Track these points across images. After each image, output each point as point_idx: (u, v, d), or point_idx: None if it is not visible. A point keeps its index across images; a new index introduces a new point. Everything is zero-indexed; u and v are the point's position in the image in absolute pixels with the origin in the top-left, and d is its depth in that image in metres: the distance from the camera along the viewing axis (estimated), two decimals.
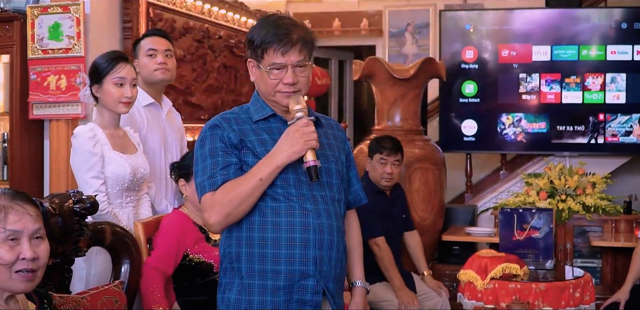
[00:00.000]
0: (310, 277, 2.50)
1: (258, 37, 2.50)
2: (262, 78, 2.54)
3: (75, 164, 3.44)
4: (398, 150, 4.70)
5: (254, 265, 2.49)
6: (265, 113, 2.58)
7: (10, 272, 2.04)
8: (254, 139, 2.53)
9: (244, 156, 2.51)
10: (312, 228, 2.49)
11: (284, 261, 2.47)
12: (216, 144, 2.52)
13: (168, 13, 5.37)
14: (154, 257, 3.24)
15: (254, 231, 2.49)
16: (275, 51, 2.47)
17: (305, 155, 2.43)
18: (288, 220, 2.48)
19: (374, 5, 8.41)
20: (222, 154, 2.50)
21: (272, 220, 2.48)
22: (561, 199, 5.90)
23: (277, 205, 2.48)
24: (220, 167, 2.48)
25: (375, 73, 5.70)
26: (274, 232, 2.47)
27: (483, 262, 4.54)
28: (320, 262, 2.50)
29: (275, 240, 2.47)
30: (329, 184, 2.59)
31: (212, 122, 2.58)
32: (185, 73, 5.58)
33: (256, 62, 2.55)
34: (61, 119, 4.61)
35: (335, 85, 9.20)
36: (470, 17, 6.85)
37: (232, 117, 2.59)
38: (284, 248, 2.47)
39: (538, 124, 6.68)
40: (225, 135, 2.52)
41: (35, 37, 4.61)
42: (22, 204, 2.09)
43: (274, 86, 2.52)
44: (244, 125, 2.56)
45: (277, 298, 2.48)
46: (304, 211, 2.49)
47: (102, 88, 3.42)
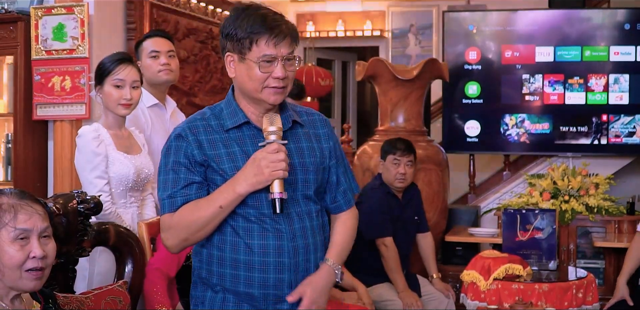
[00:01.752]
0: (284, 302, 2.39)
1: (243, 28, 2.32)
2: (247, 72, 2.34)
3: (79, 164, 3.45)
4: (411, 151, 4.73)
5: (225, 284, 2.40)
6: (238, 120, 2.40)
7: (21, 271, 2.07)
8: (223, 152, 2.37)
9: (211, 173, 2.37)
10: (286, 251, 2.36)
11: (257, 285, 2.36)
12: (180, 159, 2.36)
13: (172, 14, 5.40)
14: (157, 258, 3.24)
15: (226, 251, 2.38)
16: (268, 42, 2.31)
17: (271, 185, 2.27)
18: (261, 243, 2.35)
19: (377, 6, 8.41)
20: (185, 171, 2.35)
21: (245, 242, 2.36)
22: (564, 199, 5.90)
23: (249, 226, 2.35)
24: (181, 186, 2.34)
25: (378, 74, 5.71)
26: (246, 254, 2.36)
27: (486, 262, 4.54)
28: (295, 286, 2.39)
29: (249, 263, 2.35)
30: (304, 196, 2.45)
31: (178, 131, 2.41)
32: (189, 74, 5.60)
33: (239, 56, 2.35)
34: (65, 120, 4.63)
35: (338, 86, 9.21)
36: (474, 18, 6.85)
37: (200, 125, 2.40)
38: (257, 271, 2.36)
39: (541, 124, 6.67)
40: (189, 151, 2.36)
41: (39, 38, 4.63)
42: (30, 203, 2.12)
43: (262, 81, 2.34)
44: (213, 135, 2.39)
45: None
46: (278, 233, 2.36)
47: (102, 89, 3.44)
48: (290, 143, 2.41)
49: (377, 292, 4.47)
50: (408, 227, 4.76)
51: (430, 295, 4.69)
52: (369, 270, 4.53)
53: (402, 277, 4.50)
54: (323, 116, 2.63)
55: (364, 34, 8.40)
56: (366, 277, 4.44)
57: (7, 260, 2.04)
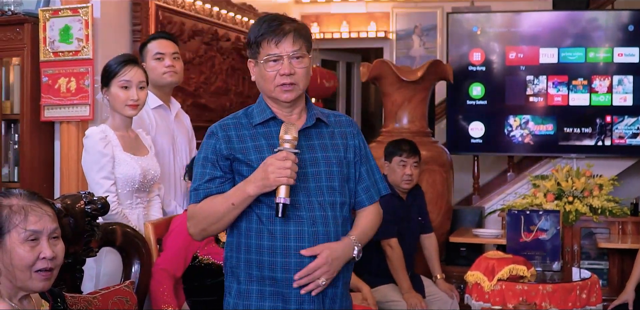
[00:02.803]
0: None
1: (253, 34, 2.52)
2: (260, 74, 2.54)
3: (86, 164, 3.48)
4: (416, 152, 4.75)
5: (252, 270, 2.51)
6: (265, 116, 2.56)
7: (31, 271, 2.09)
8: (250, 145, 2.52)
9: (237, 165, 2.52)
10: (306, 236, 2.46)
11: (279, 269, 2.46)
12: (208, 154, 2.55)
13: (177, 16, 5.41)
14: (164, 258, 3.27)
15: (252, 238, 2.50)
16: (269, 42, 2.47)
17: (277, 190, 2.38)
18: (282, 229, 2.46)
19: (381, 8, 8.43)
20: (210, 166, 2.53)
21: (267, 229, 2.47)
22: (568, 200, 5.91)
23: (272, 213, 2.45)
24: (205, 180, 2.53)
25: (383, 75, 5.72)
26: (269, 240, 2.47)
27: (490, 263, 4.55)
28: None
29: (271, 248, 2.47)
30: (329, 187, 2.55)
31: (210, 130, 2.60)
32: (194, 75, 5.62)
33: (255, 61, 2.55)
34: (71, 121, 4.64)
35: (342, 87, 9.22)
36: (478, 20, 6.87)
37: (231, 123, 2.59)
38: (280, 256, 2.47)
39: (545, 126, 6.69)
40: (217, 146, 2.54)
41: (47, 39, 4.64)
42: (40, 204, 2.14)
43: (272, 79, 2.50)
44: (242, 131, 2.56)
45: (275, 303, 2.49)
46: (298, 219, 2.47)
47: (109, 91, 3.47)
48: (314, 139, 2.58)
49: (381, 292, 4.49)
50: (412, 228, 4.78)
51: (434, 295, 4.70)
52: (374, 271, 4.55)
53: (406, 278, 4.52)
54: (350, 118, 2.78)
55: (368, 35, 8.39)
56: (370, 277, 4.46)
57: (18, 261, 2.06)
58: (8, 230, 2.07)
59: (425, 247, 4.92)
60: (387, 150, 4.83)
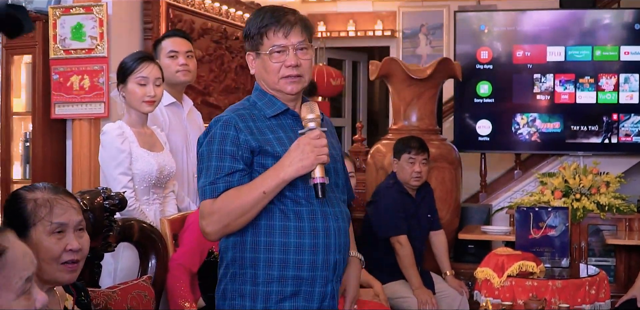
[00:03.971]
0: (330, 283, 2.45)
1: (254, 26, 2.44)
2: (263, 65, 2.46)
3: (103, 160, 3.50)
4: (425, 149, 4.78)
5: (273, 270, 2.39)
6: (278, 108, 2.48)
7: (57, 263, 2.10)
8: (272, 137, 2.43)
9: (262, 159, 2.39)
10: (332, 232, 2.42)
11: (306, 267, 2.39)
12: (225, 146, 2.38)
13: (187, 14, 5.45)
14: (180, 254, 3.29)
15: (275, 236, 2.39)
16: (276, 33, 2.41)
17: (313, 171, 2.30)
18: (311, 225, 2.39)
19: (387, 7, 8.45)
20: (230, 159, 2.37)
21: (295, 225, 2.38)
22: (575, 198, 5.93)
23: (298, 209, 2.40)
24: (224, 173, 2.35)
25: (392, 73, 5.74)
26: (297, 237, 2.38)
27: (500, 259, 4.57)
28: (339, 267, 2.48)
29: (299, 246, 2.38)
30: (336, 184, 2.54)
31: (225, 120, 2.42)
32: (204, 73, 5.66)
33: (255, 53, 2.47)
34: (84, 119, 4.67)
35: (349, 86, 9.24)
36: (485, 18, 6.88)
37: (246, 113, 2.46)
38: (307, 254, 2.39)
39: (552, 124, 6.71)
40: (241, 138, 2.38)
41: (58, 37, 4.68)
42: (65, 197, 2.16)
43: (276, 71, 2.43)
44: (258, 122, 2.44)
45: (296, 303, 2.41)
46: (325, 215, 2.43)
47: (126, 87, 3.49)
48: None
49: (392, 289, 4.51)
50: (422, 225, 4.81)
51: (444, 292, 4.73)
52: (384, 267, 4.57)
53: (416, 275, 4.55)
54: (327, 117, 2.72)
55: (374, 34, 8.41)
56: (381, 274, 4.48)
57: (45, 254, 2.07)
58: (34, 224, 2.08)
59: (434, 244, 4.94)
60: (396, 148, 4.86)
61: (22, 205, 2.09)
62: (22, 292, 1.51)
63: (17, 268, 1.51)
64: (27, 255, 1.54)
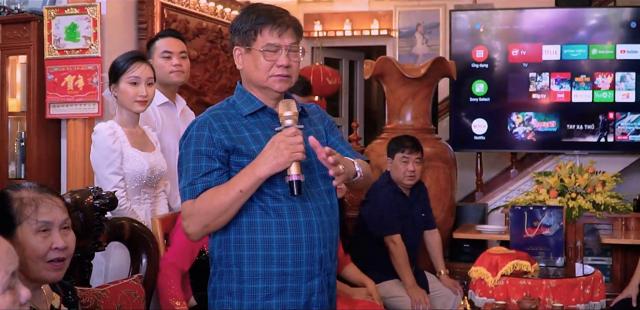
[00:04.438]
0: (316, 277, 2.45)
1: (249, 21, 2.45)
2: (254, 62, 2.46)
3: (95, 160, 3.50)
4: (418, 148, 4.79)
5: (257, 267, 2.41)
6: (255, 106, 2.50)
7: (43, 262, 2.11)
8: (248, 135, 2.45)
9: (237, 157, 2.41)
10: (315, 227, 2.42)
11: (291, 262, 2.40)
12: (201, 147, 2.41)
13: (182, 14, 5.46)
14: (171, 253, 3.30)
15: (257, 232, 2.41)
16: (271, 31, 2.43)
17: (289, 168, 2.31)
18: (292, 221, 2.41)
19: (384, 6, 8.45)
20: (206, 159, 2.40)
21: (276, 221, 2.40)
22: (571, 197, 5.92)
23: (278, 205, 2.41)
24: (201, 174, 2.38)
25: (386, 72, 5.75)
26: (278, 233, 2.40)
27: (494, 259, 4.57)
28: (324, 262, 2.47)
29: (282, 242, 2.40)
30: (323, 176, 2.51)
31: (200, 121, 2.46)
32: (199, 73, 5.66)
33: (245, 48, 2.47)
34: (78, 118, 4.68)
35: (345, 85, 9.24)
36: (480, 17, 6.89)
37: (221, 113, 2.48)
38: (290, 249, 2.40)
39: (548, 122, 6.72)
40: (215, 138, 2.41)
41: (52, 37, 4.69)
42: (50, 196, 2.16)
43: (267, 69, 2.45)
44: (234, 121, 2.47)
45: (283, 300, 2.42)
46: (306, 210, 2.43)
47: (118, 87, 3.49)
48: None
49: (385, 288, 4.52)
50: (416, 224, 4.81)
51: (438, 291, 4.74)
52: (378, 267, 4.58)
53: (410, 274, 4.55)
54: (316, 105, 2.74)
55: (371, 33, 8.40)
56: (375, 273, 4.49)
57: (30, 252, 2.08)
58: (20, 222, 2.09)
59: (428, 243, 4.95)
60: (390, 147, 4.87)
61: (8, 204, 2.10)
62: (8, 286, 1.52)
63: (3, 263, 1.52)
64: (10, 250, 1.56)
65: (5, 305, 1.50)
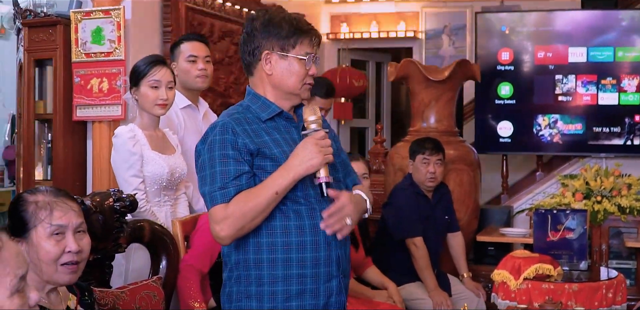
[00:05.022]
0: (334, 279, 2.50)
1: (287, 28, 2.47)
2: (289, 69, 2.50)
3: (115, 163, 3.55)
4: (439, 150, 4.78)
5: (277, 269, 2.43)
6: (272, 111, 2.52)
7: (57, 265, 2.15)
8: (268, 139, 2.46)
9: (261, 161, 2.43)
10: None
11: (309, 264, 2.44)
12: (227, 151, 2.40)
13: (207, 17, 5.49)
14: (191, 255, 3.33)
15: (277, 236, 2.43)
16: (311, 42, 2.50)
17: (318, 170, 2.38)
18: (312, 223, 2.44)
19: (410, 7, 8.44)
20: (234, 162, 2.39)
21: (295, 224, 2.43)
22: (597, 200, 5.89)
23: (298, 208, 2.44)
24: (232, 177, 2.37)
25: (410, 75, 5.74)
26: (298, 236, 2.43)
27: (517, 262, 4.56)
28: (341, 263, 2.52)
29: (301, 244, 2.43)
30: (336, 179, 2.56)
31: (222, 125, 2.45)
32: (224, 76, 5.70)
33: (279, 54, 2.48)
34: (103, 121, 4.74)
35: (372, 87, 9.24)
36: (506, 19, 6.86)
37: (241, 117, 2.48)
38: (309, 251, 2.43)
39: (574, 125, 6.67)
40: (239, 142, 2.41)
41: (79, 41, 4.74)
42: (65, 200, 2.20)
43: (303, 77, 2.50)
44: (253, 125, 2.47)
45: (303, 302, 2.45)
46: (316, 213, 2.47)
47: (139, 91, 3.53)
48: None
49: (407, 290, 4.52)
50: (438, 227, 4.81)
51: (460, 294, 4.73)
52: (400, 269, 4.58)
53: (432, 276, 4.55)
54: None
55: (397, 35, 8.39)
56: (397, 276, 4.49)
57: (44, 255, 2.12)
58: (34, 226, 2.13)
59: (451, 246, 4.94)
60: (411, 149, 4.88)
61: (24, 207, 2.15)
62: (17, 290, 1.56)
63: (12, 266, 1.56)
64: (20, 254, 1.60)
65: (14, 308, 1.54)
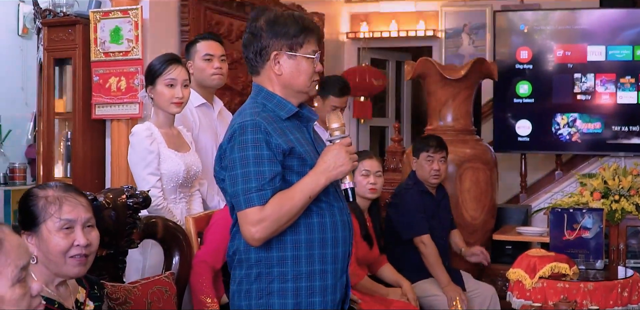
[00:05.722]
0: (345, 274, 2.56)
1: (294, 27, 2.48)
2: (297, 68, 2.50)
3: (132, 161, 3.60)
4: (443, 148, 4.83)
5: (300, 266, 2.46)
6: (289, 110, 2.51)
7: (65, 257, 2.19)
8: (292, 138, 2.46)
9: (289, 160, 2.43)
10: (347, 225, 2.56)
11: (330, 260, 2.49)
12: (262, 151, 2.39)
13: (225, 17, 5.52)
14: (204, 251, 3.36)
15: (300, 233, 2.46)
16: (317, 39, 2.53)
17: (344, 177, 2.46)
18: (332, 220, 2.50)
19: (430, 6, 8.44)
20: (268, 163, 2.38)
21: (318, 221, 2.47)
22: (614, 199, 5.85)
23: (319, 205, 2.48)
24: (268, 178, 2.37)
25: (426, 73, 5.75)
26: (320, 232, 2.47)
27: (532, 261, 4.55)
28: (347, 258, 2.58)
29: (322, 241, 2.47)
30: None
31: (252, 124, 2.41)
32: (242, 75, 5.72)
33: (288, 54, 2.49)
34: (121, 119, 4.79)
35: (392, 85, 9.25)
36: (525, 18, 6.84)
37: (266, 116, 2.46)
38: (330, 248, 2.49)
39: (593, 124, 6.64)
40: (273, 142, 2.40)
41: (98, 40, 4.80)
42: (74, 195, 2.25)
43: (311, 75, 2.52)
44: (278, 124, 2.46)
45: (325, 297, 2.49)
46: (340, 210, 2.54)
47: (155, 89, 3.57)
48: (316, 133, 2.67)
49: (421, 287, 4.53)
50: (443, 223, 4.85)
51: (475, 291, 4.74)
52: (413, 266, 4.59)
53: (444, 272, 4.56)
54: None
55: (417, 34, 8.39)
56: (410, 273, 4.51)
57: (53, 248, 2.17)
58: (44, 220, 2.18)
59: (453, 242, 4.99)
60: (415, 147, 4.93)
61: (34, 202, 2.20)
62: (18, 280, 1.62)
63: (12, 257, 1.62)
64: (22, 245, 1.66)
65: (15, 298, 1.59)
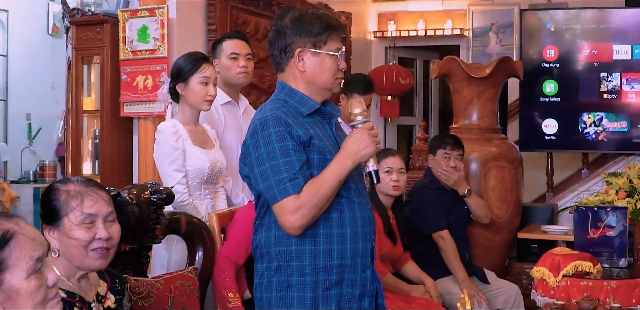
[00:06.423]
0: (368, 269, 2.58)
1: (318, 24, 2.51)
2: (321, 65, 2.53)
3: (158, 158, 3.65)
4: (460, 146, 4.88)
5: (318, 261, 2.49)
6: (311, 107, 2.55)
7: (87, 250, 2.24)
8: (313, 133, 2.49)
9: (309, 154, 2.46)
10: (367, 221, 2.57)
11: (349, 255, 2.51)
12: (285, 142, 2.42)
13: (252, 16, 5.56)
14: (227, 247, 3.40)
15: (319, 228, 2.48)
16: (339, 37, 2.55)
17: (368, 159, 2.49)
18: (351, 215, 2.52)
19: (458, 5, 8.44)
20: (294, 153, 2.42)
21: (337, 216, 2.49)
22: (639, 198, 5.84)
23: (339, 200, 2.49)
24: (298, 167, 2.41)
25: (452, 72, 5.76)
26: (339, 227, 2.49)
27: (556, 259, 4.55)
28: (373, 254, 2.61)
29: (341, 236, 2.49)
30: (360, 174, 2.64)
31: (273, 118, 2.45)
32: (268, 73, 5.76)
33: (312, 51, 2.52)
34: (148, 117, 4.86)
35: (420, 84, 9.25)
36: (551, 17, 6.83)
37: (287, 111, 2.50)
38: (350, 243, 2.50)
39: (619, 123, 6.61)
40: (294, 133, 2.44)
41: (126, 39, 4.88)
42: (96, 190, 2.30)
43: (335, 72, 2.54)
44: (298, 119, 2.50)
45: (341, 290, 2.52)
46: (360, 206, 2.56)
47: (187, 86, 3.61)
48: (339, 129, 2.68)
49: (443, 285, 4.54)
50: (460, 219, 4.87)
51: (499, 289, 4.75)
52: (433, 263, 4.61)
53: (461, 268, 4.58)
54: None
55: (444, 33, 8.38)
56: (433, 270, 4.53)
57: (75, 241, 2.21)
58: (66, 214, 2.23)
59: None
60: (432, 144, 4.97)
61: (56, 196, 2.24)
62: (33, 271, 1.67)
63: (27, 249, 1.67)
64: (37, 237, 1.71)
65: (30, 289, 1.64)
